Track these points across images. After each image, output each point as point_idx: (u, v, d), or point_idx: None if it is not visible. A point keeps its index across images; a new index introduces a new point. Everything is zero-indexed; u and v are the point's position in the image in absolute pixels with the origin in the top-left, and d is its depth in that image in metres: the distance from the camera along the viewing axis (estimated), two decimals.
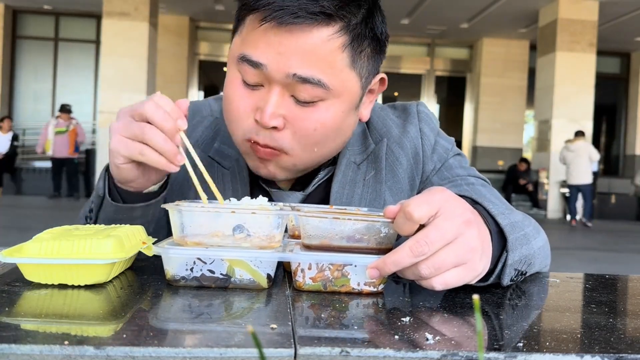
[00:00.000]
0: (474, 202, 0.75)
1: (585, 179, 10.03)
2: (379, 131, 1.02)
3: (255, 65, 0.82)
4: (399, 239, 0.68)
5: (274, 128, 0.85)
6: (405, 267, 0.64)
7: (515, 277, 0.76)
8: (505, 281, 0.73)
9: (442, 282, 0.64)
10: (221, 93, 1.08)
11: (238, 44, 0.86)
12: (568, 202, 9.94)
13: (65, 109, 11.19)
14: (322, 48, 0.81)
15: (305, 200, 0.98)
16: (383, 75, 0.94)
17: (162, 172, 0.85)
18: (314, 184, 0.98)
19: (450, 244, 0.63)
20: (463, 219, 0.64)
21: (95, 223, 0.90)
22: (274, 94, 0.83)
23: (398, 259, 0.62)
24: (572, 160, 10.03)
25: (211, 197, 0.77)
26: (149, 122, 0.75)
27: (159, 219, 0.92)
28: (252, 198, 0.93)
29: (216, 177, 0.98)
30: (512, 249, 0.72)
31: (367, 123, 1.03)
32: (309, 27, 0.80)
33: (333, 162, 0.99)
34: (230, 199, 0.77)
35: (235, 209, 0.68)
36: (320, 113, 0.85)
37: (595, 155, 10.13)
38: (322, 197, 0.99)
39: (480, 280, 0.72)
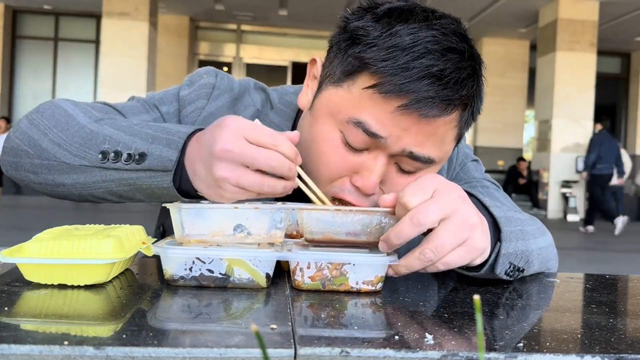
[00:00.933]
0: (469, 195, 0.75)
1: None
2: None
3: (373, 135, 0.76)
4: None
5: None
6: (409, 256, 0.66)
7: (511, 271, 0.76)
8: (499, 271, 0.74)
9: (443, 262, 0.66)
10: (254, 81, 1.01)
11: (349, 105, 0.77)
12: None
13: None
14: (442, 130, 0.78)
15: None
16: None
17: None
18: None
19: (448, 220, 0.65)
20: (459, 194, 0.67)
21: (113, 169, 0.77)
22: (380, 162, 0.78)
23: (399, 230, 0.65)
24: None
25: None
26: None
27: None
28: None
29: None
30: (505, 239, 0.74)
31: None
32: (437, 118, 0.76)
33: None
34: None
35: (237, 205, 0.68)
36: (416, 178, 0.80)
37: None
38: None
39: (474, 269, 0.73)
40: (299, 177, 0.74)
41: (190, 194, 0.75)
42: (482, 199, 0.77)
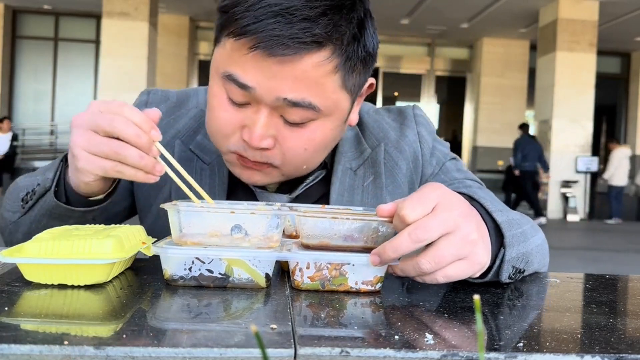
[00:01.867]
0: (470, 199, 0.75)
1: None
2: (375, 135, 1.01)
3: (243, 87, 0.79)
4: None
5: (263, 148, 0.83)
6: (407, 262, 0.64)
7: (513, 274, 0.76)
8: (504, 277, 0.73)
9: (443, 275, 0.64)
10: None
11: (223, 59, 0.81)
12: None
13: None
14: (313, 73, 0.77)
15: (293, 202, 0.96)
16: (372, 80, 0.91)
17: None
18: (301, 187, 0.97)
19: (449, 235, 0.63)
20: (460, 211, 0.64)
21: (30, 208, 0.89)
22: (262, 114, 0.81)
23: (397, 245, 0.62)
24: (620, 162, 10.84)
25: (196, 197, 0.76)
26: (117, 138, 0.71)
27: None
28: (232, 197, 0.94)
29: (194, 172, 0.96)
30: (509, 245, 0.73)
31: (361, 127, 1.01)
32: (299, 56, 0.76)
33: (323, 166, 0.98)
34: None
35: (235, 209, 0.68)
36: (310, 133, 0.83)
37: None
38: (312, 201, 0.97)
39: (479, 277, 0.72)
40: (168, 163, 0.74)
41: (86, 203, 0.84)
42: (484, 204, 0.75)
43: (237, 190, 0.97)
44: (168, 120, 1.00)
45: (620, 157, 11.03)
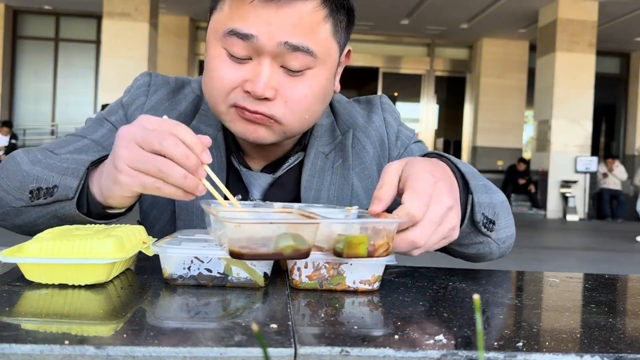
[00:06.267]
0: (440, 157, 0.86)
1: None
2: (345, 122, 1.08)
3: (245, 37, 0.84)
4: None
5: (266, 99, 0.87)
6: (400, 240, 0.70)
7: (486, 223, 0.85)
8: (478, 218, 0.83)
9: (427, 250, 0.73)
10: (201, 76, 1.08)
11: (222, 20, 0.87)
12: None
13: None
14: (308, 19, 0.85)
15: (275, 182, 1.01)
16: (350, 47, 1.00)
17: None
18: (284, 168, 1.01)
19: (438, 227, 0.71)
20: (447, 205, 0.71)
21: (41, 205, 0.85)
22: (265, 65, 0.85)
23: (394, 245, 0.69)
24: None
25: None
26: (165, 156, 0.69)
27: None
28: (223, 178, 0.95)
29: None
30: (475, 190, 0.83)
31: (335, 115, 1.08)
32: (294, 1, 0.83)
33: (303, 148, 1.03)
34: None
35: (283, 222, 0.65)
36: (309, 81, 0.89)
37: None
38: (292, 181, 1.02)
39: None
40: (211, 182, 0.72)
41: (104, 215, 0.83)
42: (451, 158, 0.85)
43: (228, 172, 1.01)
44: (170, 103, 1.05)
45: None
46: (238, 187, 1.00)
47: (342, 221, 0.68)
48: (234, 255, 0.61)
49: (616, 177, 11.75)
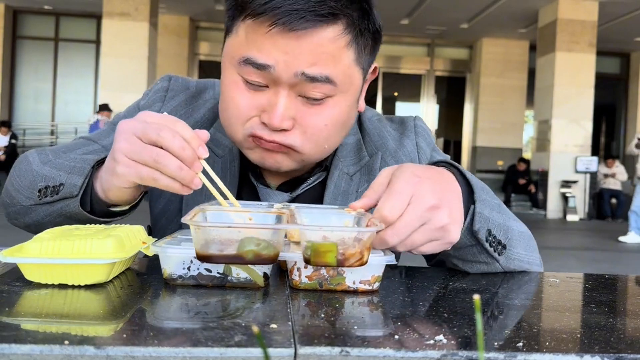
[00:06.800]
0: (449, 165, 0.83)
1: None
2: (374, 143, 1.02)
3: (262, 67, 0.81)
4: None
5: (283, 129, 0.84)
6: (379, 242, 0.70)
7: (493, 241, 0.81)
8: (477, 227, 0.79)
9: (417, 252, 0.73)
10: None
11: (237, 47, 0.83)
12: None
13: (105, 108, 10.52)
14: (329, 47, 0.81)
15: (292, 202, 0.97)
16: (376, 64, 0.95)
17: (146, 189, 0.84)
18: (302, 187, 0.97)
19: (424, 226, 0.70)
20: (429, 204, 0.69)
21: (48, 203, 0.86)
22: (281, 95, 0.82)
23: (380, 242, 0.69)
24: None
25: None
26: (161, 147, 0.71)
27: None
28: (238, 194, 0.94)
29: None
30: (479, 200, 0.80)
31: (363, 133, 1.03)
32: (316, 30, 0.79)
33: (324, 167, 0.99)
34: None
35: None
36: (329, 110, 0.85)
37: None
38: (311, 202, 0.98)
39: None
40: (207, 175, 0.74)
41: (107, 213, 0.84)
42: (459, 167, 0.82)
43: (243, 188, 0.98)
44: (187, 109, 1.02)
45: None
46: None
47: (306, 227, 0.65)
48: (199, 257, 0.63)
49: (616, 178, 11.72)
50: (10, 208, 0.95)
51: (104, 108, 10.22)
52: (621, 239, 8.06)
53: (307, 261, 0.64)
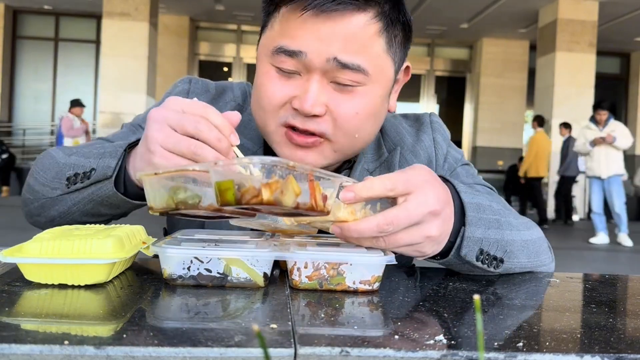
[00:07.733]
0: (444, 180, 0.80)
1: None
2: (392, 139, 1.03)
3: (294, 54, 0.82)
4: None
5: (315, 115, 0.84)
6: (366, 238, 0.69)
7: (484, 258, 0.79)
8: (464, 252, 0.77)
9: (389, 250, 0.71)
10: (243, 81, 1.07)
11: (271, 38, 0.86)
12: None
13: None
14: (360, 33, 0.82)
15: None
16: (408, 63, 0.96)
17: None
18: None
19: (410, 227, 0.68)
20: (431, 209, 0.69)
21: (77, 190, 0.86)
22: (314, 81, 0.83)
23: (362, 229, 0.67)
24: None
25: None
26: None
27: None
28: None
29: None
30: (470, 223, 0.77)
31: (381, 132, 1.04)
32: (348, 14, 0.81)
33: (351, 166, 1.00)
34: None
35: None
36: (360, 98, 0.85)
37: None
38: None
39: (441, 257, 0.77)
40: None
41: (140, 196, 0.82)
42: (455, 185, 0.80)
43: None
44: None
45: None
46: None
47: (203, 166, 0.62)
48: (150, 209, 0.66)
49: None
50: (32, 204, 0.94)
51: (76, 104, 9.86)
52: (592, 240, 7.85)
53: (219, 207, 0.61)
